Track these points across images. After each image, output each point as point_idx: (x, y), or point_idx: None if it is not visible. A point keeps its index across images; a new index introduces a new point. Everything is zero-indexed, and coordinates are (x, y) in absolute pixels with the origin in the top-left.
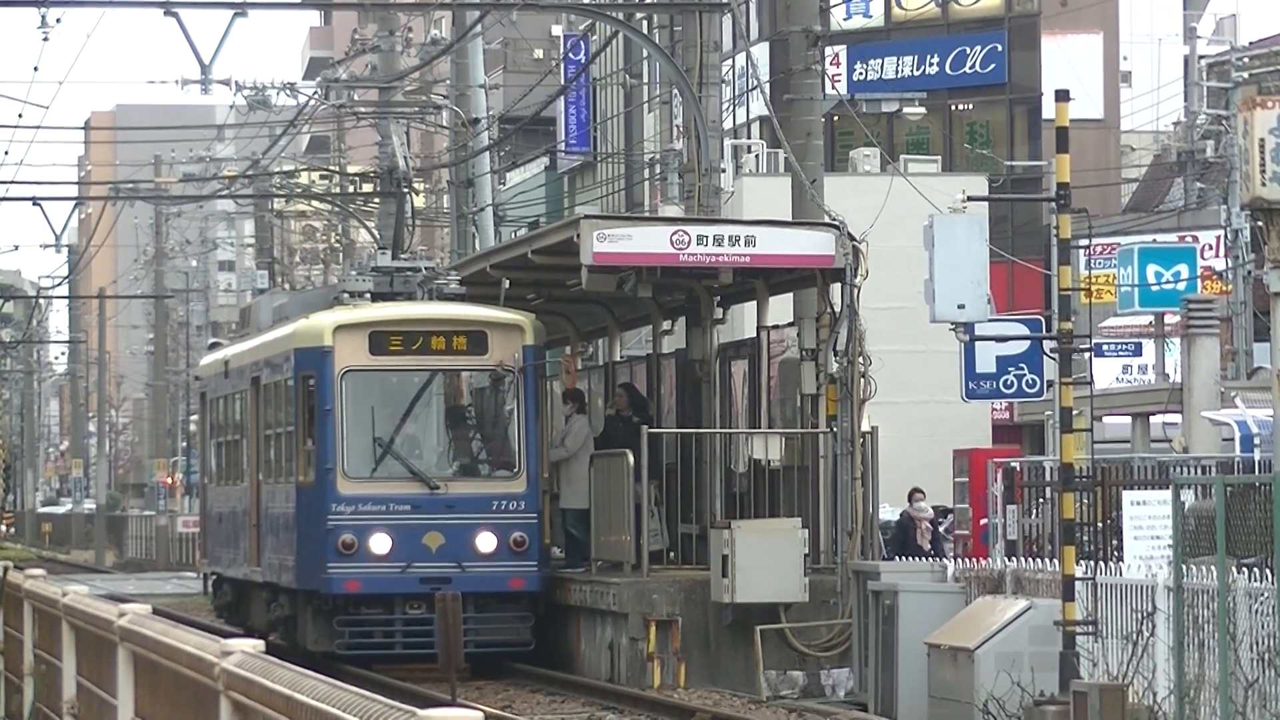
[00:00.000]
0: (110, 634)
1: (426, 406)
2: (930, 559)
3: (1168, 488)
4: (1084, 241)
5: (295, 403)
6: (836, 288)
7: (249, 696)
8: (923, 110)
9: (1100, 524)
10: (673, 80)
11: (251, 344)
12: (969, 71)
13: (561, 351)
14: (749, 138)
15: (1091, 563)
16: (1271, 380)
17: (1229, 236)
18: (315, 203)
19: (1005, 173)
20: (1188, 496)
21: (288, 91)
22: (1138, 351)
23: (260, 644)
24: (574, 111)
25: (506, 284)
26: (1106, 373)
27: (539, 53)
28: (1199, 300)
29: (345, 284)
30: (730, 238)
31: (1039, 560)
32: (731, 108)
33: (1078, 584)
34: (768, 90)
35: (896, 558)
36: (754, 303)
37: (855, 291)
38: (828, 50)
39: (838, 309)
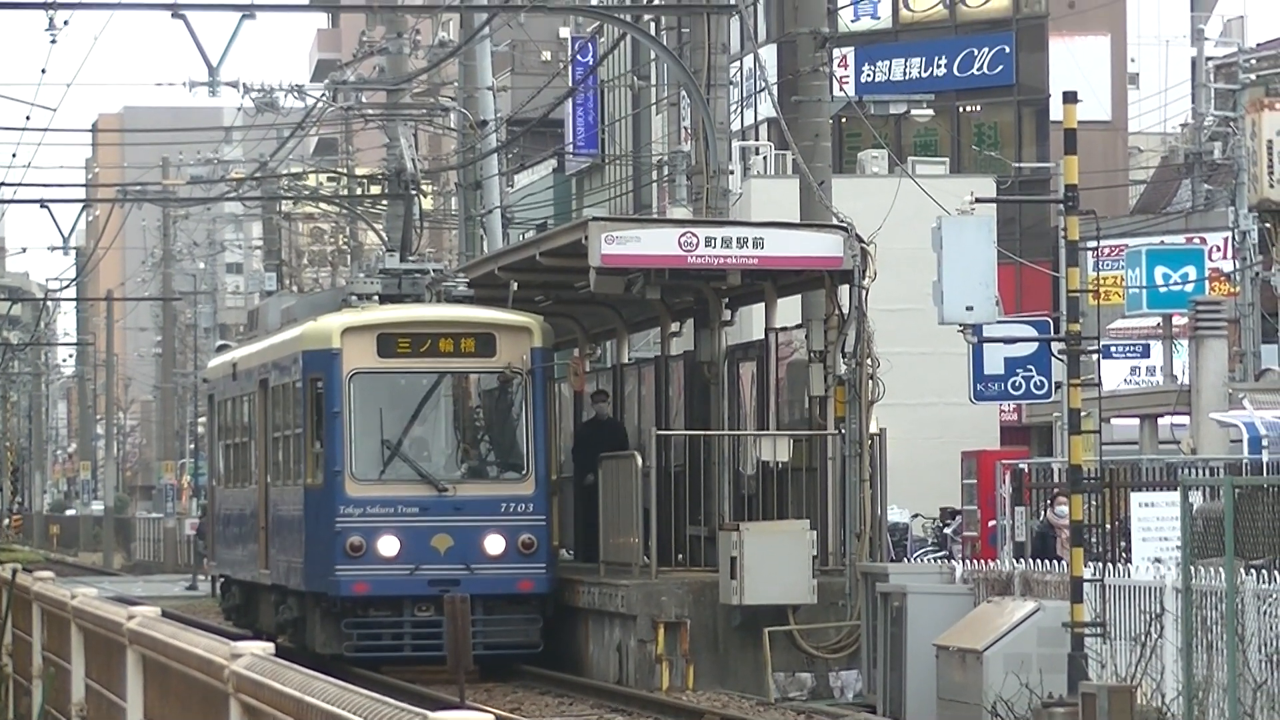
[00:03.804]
0: (119, 636)
1: (435, 409)
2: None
3: (1176, 489)
4: (1092, 243)
5: (303, 405)
6: (845, 289)
7: (259, 699)
8: (930, 112)
9: (1108, 525)
10: (680, 82)
11: (259, 346)
12: (977, 73)
13: (570, 353)
14: (757, 139)
15: (1100, 564)
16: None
17: (1236, 238)
18: (323, 205)
19: (1013, 174)
20: (1196, 498)
21: (295, 94)
22: (1145, 353)
23: (270, 646)
24: (582, 113)
25: (515, 286)
26: (1114, 374)
27: (547, 55)
28: (1207, 302)
29: (353, 286)
30: (738, 239)
31: (1047, 562)
32: (739, 109)
33: (1086, 586)
34: (775, 92)
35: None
36: (762, 304)
37: (863, 293)
38: (835, 52)
39: (846, 311)
